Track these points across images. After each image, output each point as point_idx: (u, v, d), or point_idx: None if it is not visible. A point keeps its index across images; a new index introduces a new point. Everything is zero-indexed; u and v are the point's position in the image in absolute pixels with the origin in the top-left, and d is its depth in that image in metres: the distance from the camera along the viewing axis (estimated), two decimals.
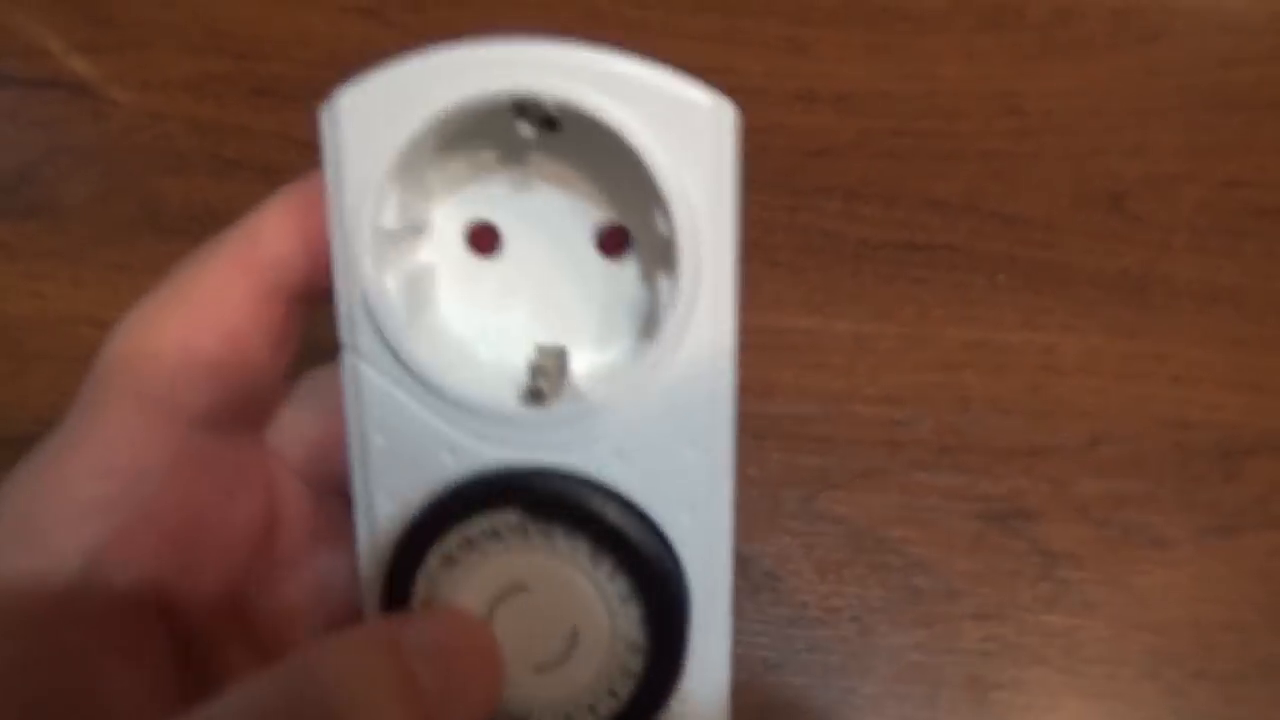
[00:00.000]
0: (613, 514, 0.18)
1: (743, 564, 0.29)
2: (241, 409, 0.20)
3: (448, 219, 0.20)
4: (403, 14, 0.36)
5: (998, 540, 0.29)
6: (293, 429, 0.22)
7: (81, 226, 0.33)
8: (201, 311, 0.19)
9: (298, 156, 0.34)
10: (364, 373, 0.18)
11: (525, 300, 0.20)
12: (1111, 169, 0.33)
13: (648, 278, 0.19)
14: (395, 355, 0.18)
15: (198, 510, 0.19)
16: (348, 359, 0.18)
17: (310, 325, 0.21)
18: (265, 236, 0.19)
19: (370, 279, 0.18)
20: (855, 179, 0.33)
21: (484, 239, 0.20)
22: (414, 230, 0.19)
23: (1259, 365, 0.30)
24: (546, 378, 0.18)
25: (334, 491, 0.23)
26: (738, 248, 0.18)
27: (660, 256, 0.18)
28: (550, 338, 0.20)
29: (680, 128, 0.17)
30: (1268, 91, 0.35)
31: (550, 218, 0.19)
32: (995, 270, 0.32)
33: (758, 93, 0.35)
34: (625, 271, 0.19)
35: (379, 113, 0.17)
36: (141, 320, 0.19)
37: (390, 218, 0.18)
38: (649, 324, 0.19)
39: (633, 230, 0.19)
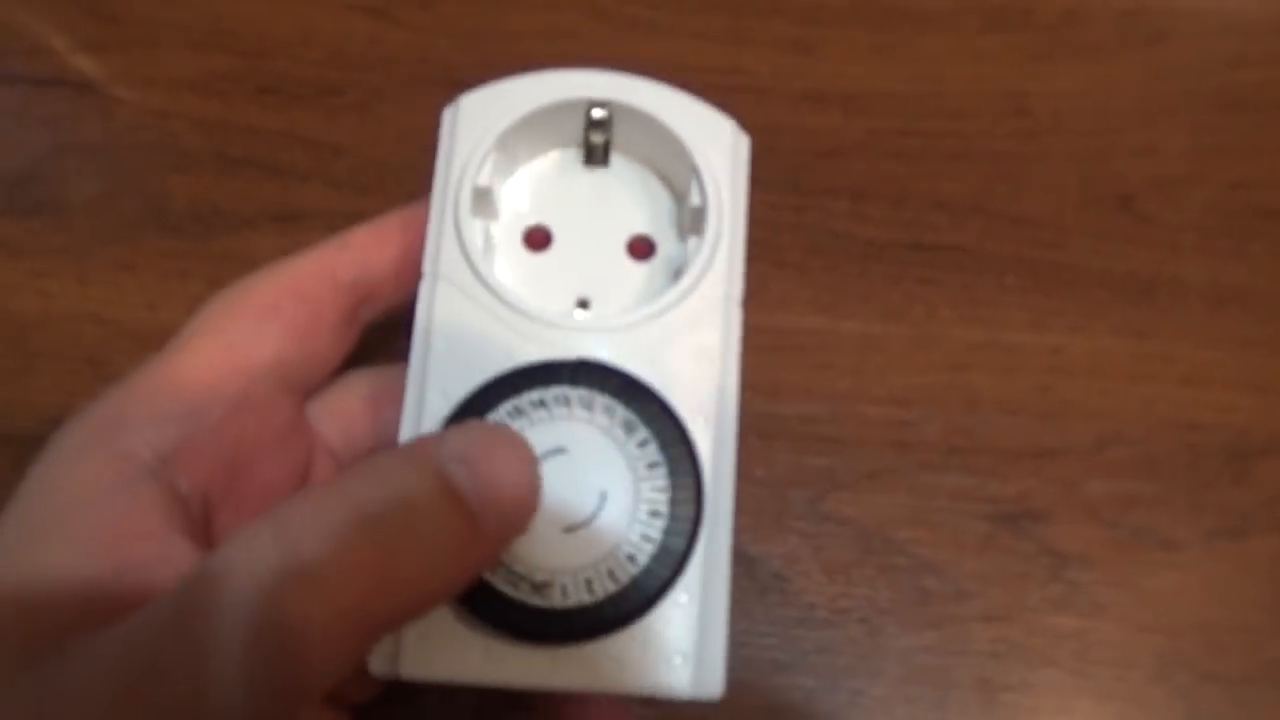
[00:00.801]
0: (648, 393, 0.21)
1: (750, 565, 0.28)
2: (300, 372, 0.23)
3: (512, 217, 0.24)
4: (409, 12, 0.36)
5: (1007, 541, 0.28)
6: (335, 407, 0.25)
7: (87, 224, 0.33)
8: (290, 282, 0.23)
9: (303, 154, 0.34)
10: (441, 289, 0.22)
11: (565, 285, 0.24)
12: (1119, 170, 0.33)
13: (668, 278, 0.24)
14: (474, 270, 0.22)
15: (252, 444, 0.22)
16: (426, 283, 0.22)
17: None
18: (352, 243, 0.24)
19: (465, 214, 0.22)
20: (862, 179, 0.33)
21: (537, 238, 0.24)
22: (490, 213, 0.24)
23: (1268, 366, 0.30)
24: (591, 298, 0.23)
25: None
26: (747, 221, 0.23)
27: (687, 229, 0.24)
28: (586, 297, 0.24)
29: (710, 137, 0.24)
30: (1274, 93, 0.35)
31: (593, 226, 0.24)
32: (1003, 271, 0.32)
33: (764, 93, 0.35)
34: (649, 270, 0.24)
35: (487, 107, 0.23)
36: (240, 285, 0.23)
37: (485, 177, 0.23)
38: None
39: (658, 242, 0.24)
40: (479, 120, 0.23)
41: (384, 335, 0.27)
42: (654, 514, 0.20)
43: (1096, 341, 0.31)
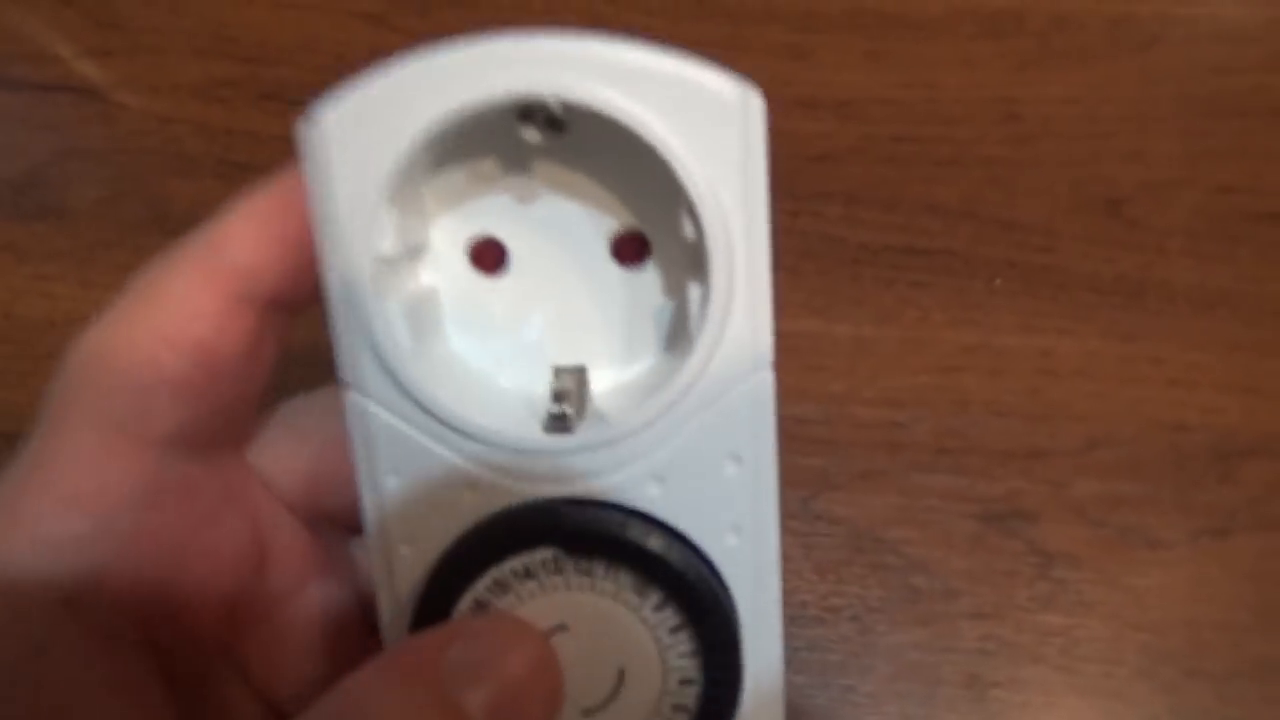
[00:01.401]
0: (655, 542, 0.17)
1: None
2: (217, 428, 0.18)
3: (447, 236, 0.18)
4: (409, 19, 0.37)
5: (995, 541, 0.29)
6: (279, 459, 0.20)
7: (90, 228, 0.33)
8: (165, 323, 0.17)
9: None
10: (372, 412, 0.17)
11: (538, 319, 0.18)
12: (1109, 175, 0.34)
13: (671, 285, 0.18)
14: (404, 391, 0.16)
15: (178, 541, 0.18)
16: (351, 399, 0.17)
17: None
18: (230, 243, 0.18)
19: (372, 311, 0.16)
20: (856, 184, 0.34)
21: (488, 256, 0.18)
22: (412, 252, 0.17)
23: (1255, 368, 0.31)
24: (569, 401, 0.17)
25: (326, 522, 0.22)
26: (771, 247, 0.16)
27: (684, 261, 0.17)
28: (568, 357, 0.18)
29: (705, 122, 0.15)
30: (1262, 99, 0.35)
31: (559, 227, 0.17)
32: (994, 274, 0.32)
33: None
34: (645, 280, 0.18)
35: (367, 128, 0.15)
36: (102, 334, 0.17)
37: (388, 243, 0.16)
38: (676, 334, 0.18)
39: (651, 235, 0.17)
40: (356, 149, 0.16)
41: None
42: (685, 681, 0.17)
43: (1085, 344, 0.31)
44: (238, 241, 0.17)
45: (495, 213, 0.17)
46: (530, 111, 0.16)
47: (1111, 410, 0.30)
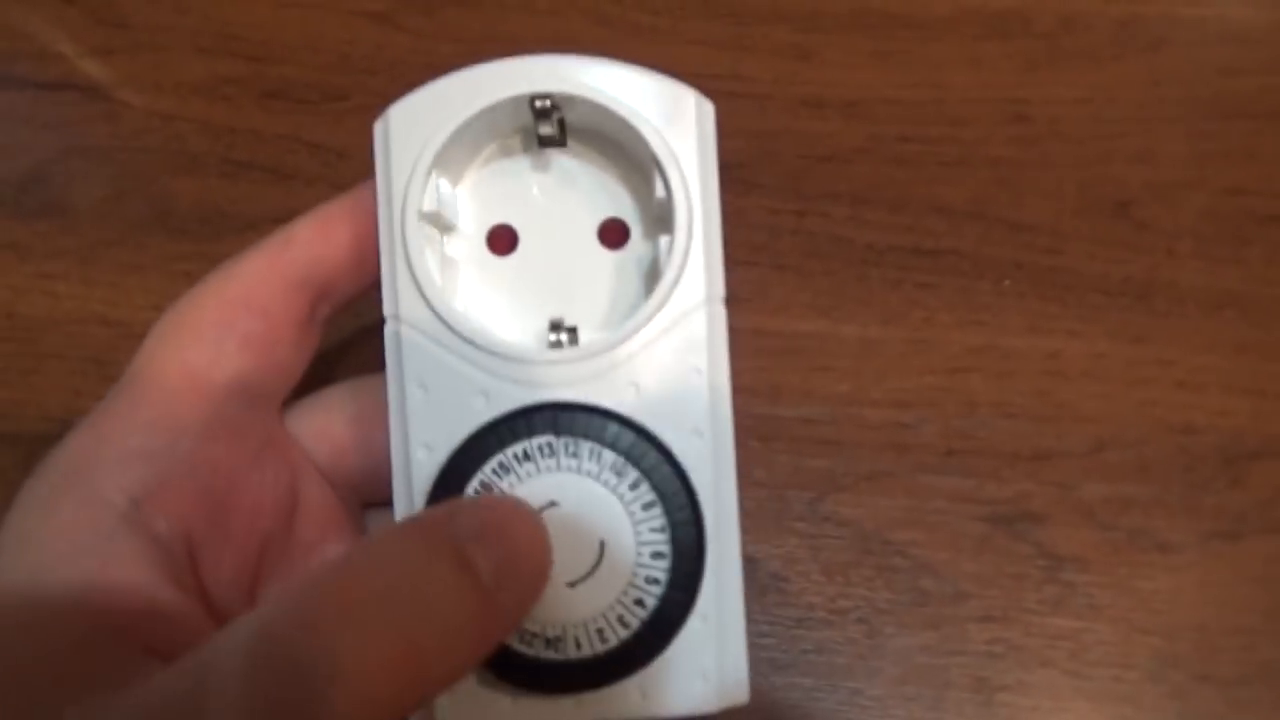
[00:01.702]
0: (633, 429, 0.20)
1: (750, 565, 0.29)
2: (268, 385, 0.22)
3: (471, 222, 0.23)
4: (414, 18, 0.37)
5: (1004, 543, 0.29)
6: (319, 428, 0.24)
7: (93, 227, 0.33)
8: (239, 292, 0.22)
9: (308, 158, 0.34)
10: (406, 334, 0.21)
11: (538, 289, 0.22)
12: (1116, 176, 0.34)
13: (645, 261, 0.22)
14: (435, 313, 0.21)
15: (229, 469, 0.21)
16: (390, 327, 0.21)
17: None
18: (298, 239, 0.22)
19: (413, 250, 0.21)
20: (862, 184, 0.34)
21: (502, 240, 0.23)
22: (444, 226, 0.22)
23: (1263, 371, 0.31)
24: (563, 330, 0.22)
25: (348, 490, 0.24)
26: (721, 211, 0.21)
27: (657, 231, 0.22)
28: (560, 315, 0.22)
29: (670, 113, 0.21)
30: (1270, 100, 0.35)
31: (559, 218, 0.23)
32: (1001, 276, 0.32)
33: (765, 98, 0.35)
34: (625, 259, 0.22)
35: (422, 119, 0.21)
36: (188, 300, 0.22)
37: (428, 202, 0.21)
38: (650, 286, 0.22)
39: (629, 222, 0.23)
40: (412, 134, 0.21)
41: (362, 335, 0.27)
42: (656, 555, 0.20)
43: (1093, 345, 0.31)
44: (303, 238, 0.22)
45: (510, 205, 0.23)
46: (544, 112, 0.21)
47: (1120, 412, 0.30)
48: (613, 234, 0.23)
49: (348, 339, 0.31)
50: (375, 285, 0.22)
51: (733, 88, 0.36)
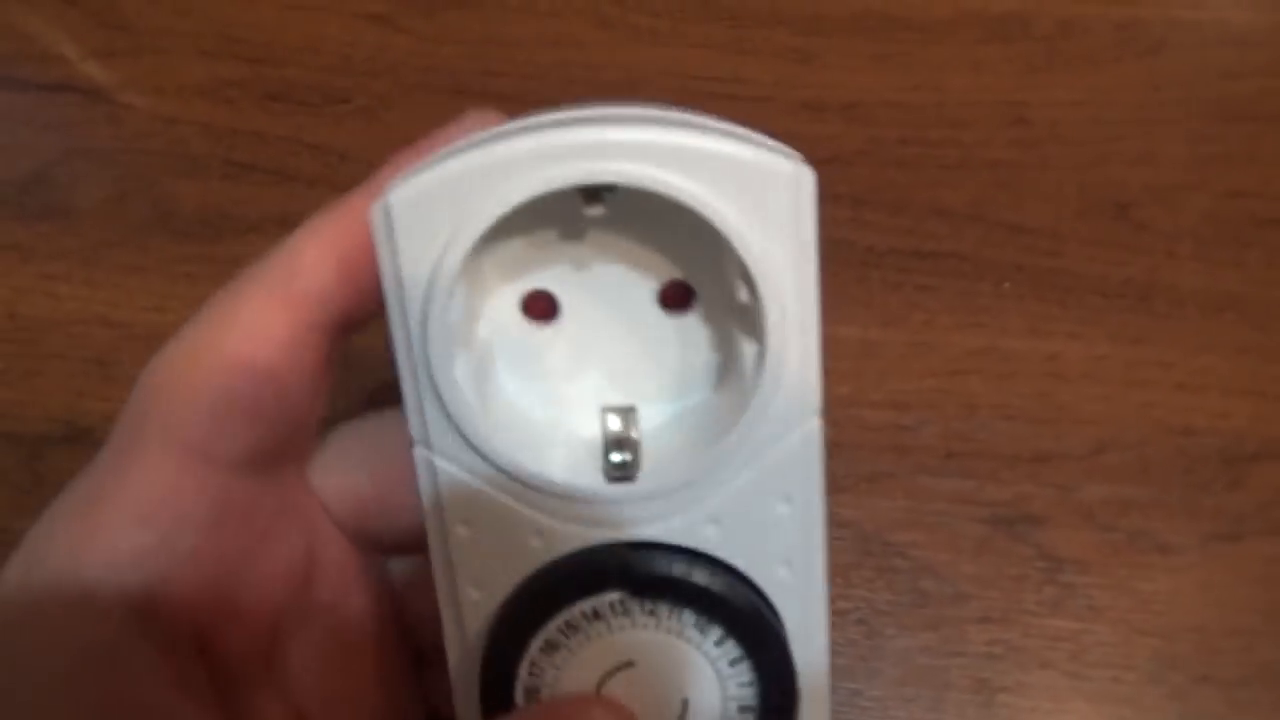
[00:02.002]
0: (717, 584, 0.18)
1: None
2: (280, 449, 0.19)
3: (503, 292, 0.19)
4: (414, 20, 0.37)
5: (1004, 545, 0.29)
6: (331, 481, 0.21)
7: (95, 228, 0.33)
8: (238, 348, 0.18)
9: (310, 160, 0.35)
10: (440, 467, 0.18)
11: (589, 365, 0.19)
12: (1116, 179, 0.34)
13: (715, 330, 0.19)
14: (471, 446, 0.17)
15: (237, 557, 0.19)
16: (420, 454, 0.18)
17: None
18: (304, 268, 0.18)
19: (441, 376, 0.17)
20: (863, 187, 0.34)
21: (540, 307, 0.19)
22: (471, 315, 0.18)
23: (1263, 373, 0.31)
24: (626, 449, 0.18)
25: (368, 543, 0.22)
26: (821, 310, 0.18)
27: (730, 308, 0.18)
28: (618, 399, 0.19)
29: (759, 197, 0.17)
30: (1269, 103, 0.35)
31: (608, 279, 0.19)
32: (1001, 278, 0.32)
33: (765, 101, 0.35)
34: (690, 325, 0.19)
35: (437, 211, 0.16)
36: (178, 356, 0.18)
37: (455, 312, 0.17)
38: (724, 375, 0.19)
39: (695, 284, 0.18)
40: (423, 233, 0.16)
41: None
42: (744, 709, 0.18)
43: (1093, 348, 0.31)
44: (309, 267, 0.18)
45: (547, 269, 0.19)
46: (592, 194, 0.17)
47: (1120, 414, 0.30)
48: (675, 297, 0.19)
49: None
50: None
51: (733, 90, 0.36)
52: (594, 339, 0.19)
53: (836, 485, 0.30)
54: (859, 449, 0.30)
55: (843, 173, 0.34)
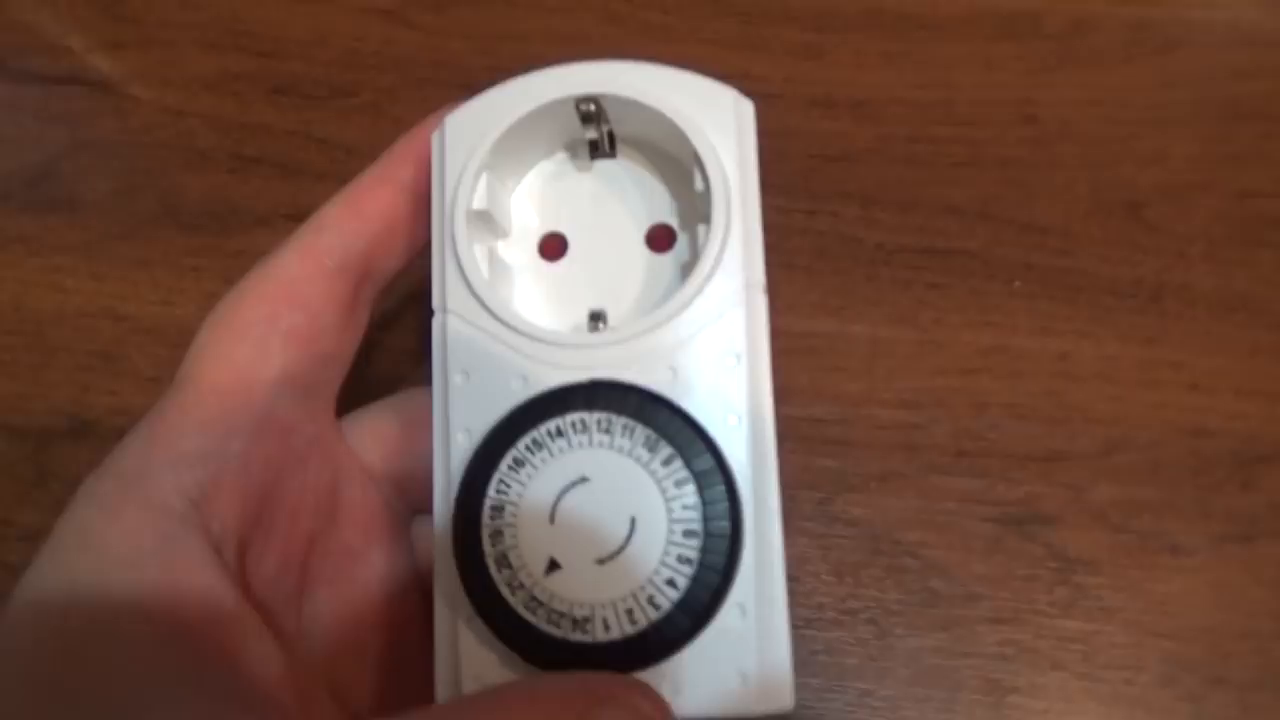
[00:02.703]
0: (667, 406, 0.20)
1: None
2: (315, 377, 0.22)
3: (524, 230, 0.24)
4: (423, 14, 0.36)
5: (1014, 545, 0.29)
6: (373, 429, 0.24)
7: (102, 221, 0.33)
8: (279, 287, 0.22)
9: (317, 154, 0.34)
10: (451, 325, 0.21)
11: (585, 291, 0.23)
12: (1128, 178, 0.34)
13: (686, 261, 0.23)
14: (479, 299, 0.21)
15: (275, 469, 0.21)
16: (437, 320, 0.21)
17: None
18: (328, 223, 0.22)
19: (464, 244, 0.21)
20: (872, 184, 0.34)
21: (553, 247, 0.23)
22: (497, 230, 0.23)
23: (1275, 373, 0.30)
24: (605, 317, 0.22)
25: (401, 498, 0.24)
26: (761, 204, 0.22)
27: (696, 238, 0.22)
28: (601, 308, 0.23)
29: (711, 110, 0.22)
30: None
31: (608, 223, 0.23)
32: (1012, 277, 0.32)
33: (775, 98, 0.35)
34: (670, 262, 0.23)
35: (475, 124, 0.22)
36: (229, 302, 0.22)
37: (478, 200, 0.22)
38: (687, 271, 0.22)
39: (677, 230, 0.23)
40: (464, 139, 0.22)
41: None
42: (689, 534, 0.20)
43: (1104, 347, 0.31)
44: (332, 223, 0.22)
45: (560, 214, 0.24)
46: (588, 116, 0.22)
47: (1131, 414, 0.30)
48: (660, 239, 0.23)
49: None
50: (416, 260, 0.23)
51: (743, 87, 0.35)
52: (593, 271, 0.23)
53: (846, 484, 0.30)
54: (869, 448, 0.30)
55: (852, 170, 0.34)
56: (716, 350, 0.21)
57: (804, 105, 0.35)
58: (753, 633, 0.19)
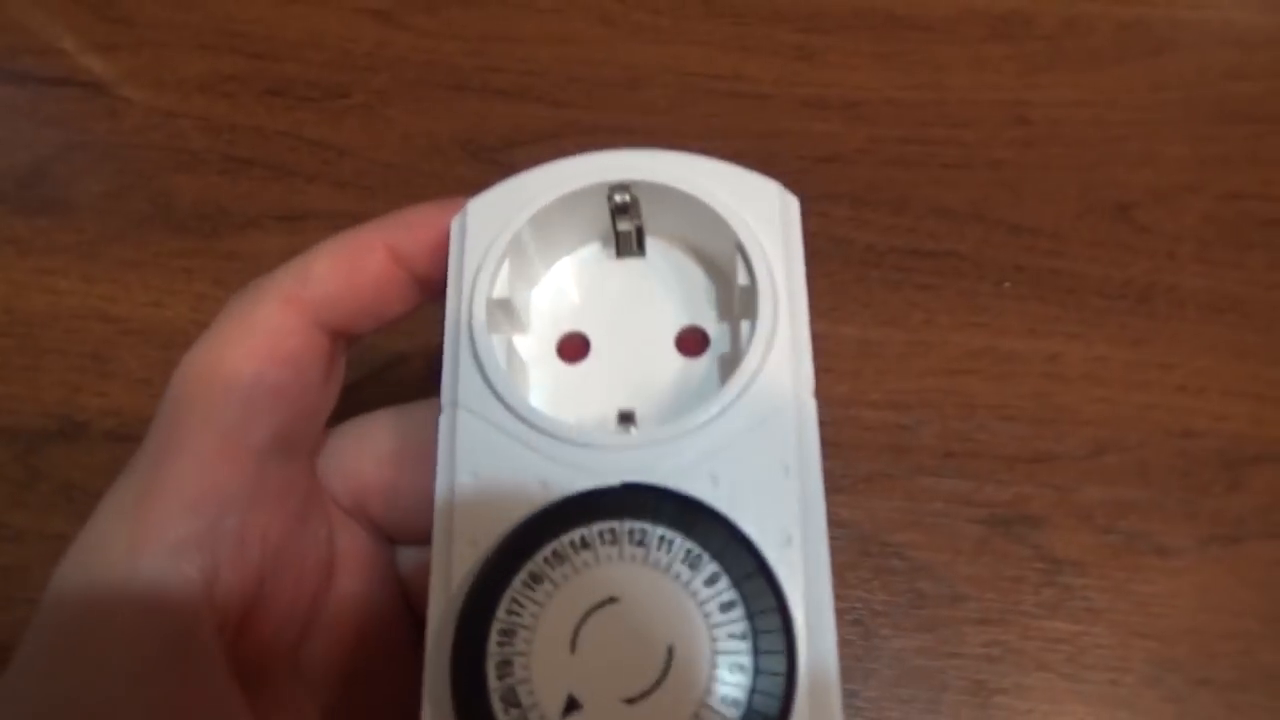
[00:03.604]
0: (708, 512, 0.17)
1: None
2: (301, 436, 0.21)
3: (543, 328, 0.22)
4: (416, 16, 0.37)
5: (1002, 546, 0.29)
6: (348, 468, 0.22)
7: (94, 223, 0.33)
8: (263, 341, 0.20)
9: (309, 156, 0.34)
10: (462, 420, 0.19)
11: (609, 394, 0.21)
12: (1118, 179, 0.34)
13: (723, 369, 0.21)
14: (495, 394, 0.19)
15: (276, 540, 0.20)
16: (447, 414, 0.19)
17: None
18: (314, 277, 0.21)
19: (481, 334, 0.19)
20: (863, 186, 0.34)
21: (573, 348, 0.21)
22: (515, 323, 0.21)
23: (1263, 375, 0.30)
24: (635, 418, 0.20)
25: (378, 533, 0.23)
26: (808, 302, 0.20)
27: (735, 341, 0.21)
28: (630, 408, 0.21)
29: (749, 198, 0.20)
30: (1273, 105, 0.35)
31: (634, 325, 0.21)
32: (1002, 278, 0.32)
33: (767, 99, 0.35)
34: (703, 368, 0.21)
35: (499, 210, 0.20)
36: (208, 352, 0.20)
37: (499, 290, 0.20)
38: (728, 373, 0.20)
39: (711, 334, 0.21)
40: (488, 225, 0.20)
41: None
42: (736, 668, 0.17)
43: (1093, 349, 0.31)
44: (319, 276, 0.21)
45: (582, 312, 0.22)
46: (622, 207, 0.21)
47: (1119, 415, 0.30)
48: (691, 343, 0.21)
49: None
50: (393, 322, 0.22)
51: (734, 88, 0.36)
52: (617, 375, 0.21)
53: (834, 485, 0.30)
54: (857, 449, 0.30)
55: (843, 171, 0.34)
56: (763, 459, 0.18)
57: (795, 106, 0.35)
58: None
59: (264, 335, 0.20)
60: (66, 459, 0.30)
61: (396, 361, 0.31)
